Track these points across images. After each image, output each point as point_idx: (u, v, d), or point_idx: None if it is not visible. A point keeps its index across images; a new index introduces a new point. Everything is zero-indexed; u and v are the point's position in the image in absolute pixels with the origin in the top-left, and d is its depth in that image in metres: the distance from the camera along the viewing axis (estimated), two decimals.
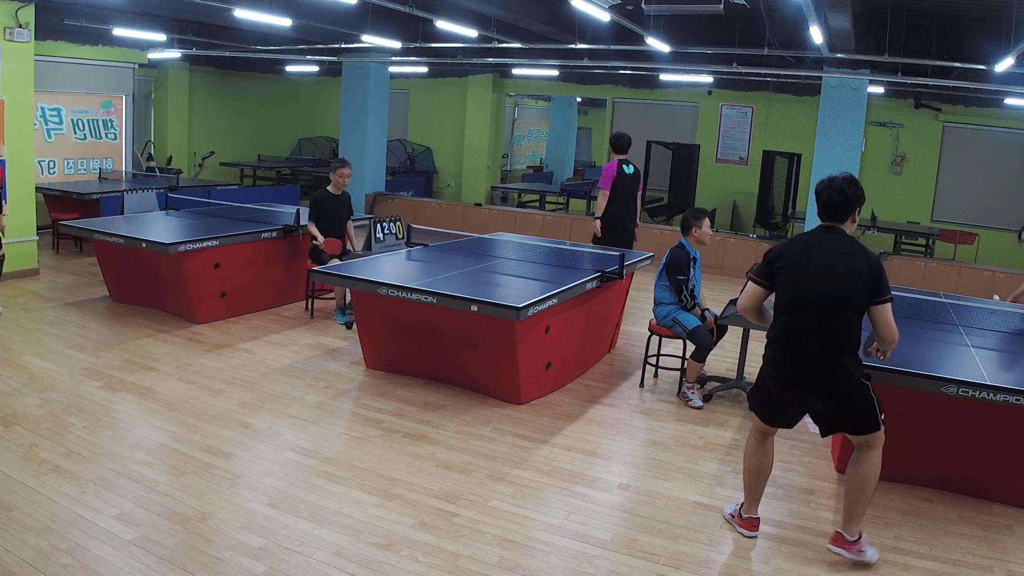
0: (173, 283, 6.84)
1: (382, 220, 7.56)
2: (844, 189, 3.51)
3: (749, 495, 3.85)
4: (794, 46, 8.93)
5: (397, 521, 3.78)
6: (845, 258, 3.46)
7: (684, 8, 6.73)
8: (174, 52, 12.59)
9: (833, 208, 3.54)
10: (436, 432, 4.90)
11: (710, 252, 10.29)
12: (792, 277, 3.56)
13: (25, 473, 3.99)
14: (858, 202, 3.55)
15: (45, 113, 11.17)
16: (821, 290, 3.45)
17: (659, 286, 5.82)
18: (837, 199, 3.52)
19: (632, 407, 5.65)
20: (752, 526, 3.84)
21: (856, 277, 3.42)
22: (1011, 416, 4.06)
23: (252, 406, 5.15)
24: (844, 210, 3.53)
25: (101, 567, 3.23)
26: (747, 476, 3.85)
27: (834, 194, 3.52)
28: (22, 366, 5.59)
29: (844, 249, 3.50)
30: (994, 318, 5.85)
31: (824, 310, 3.45)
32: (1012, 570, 3.67)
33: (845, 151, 10.29)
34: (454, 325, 5.36)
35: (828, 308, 3.44)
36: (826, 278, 3.45)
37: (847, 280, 3.42)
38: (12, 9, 7.63)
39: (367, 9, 9.38)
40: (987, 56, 8.06)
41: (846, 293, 3.42)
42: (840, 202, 3.52)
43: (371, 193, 13.80)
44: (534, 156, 21.27)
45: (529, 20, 9.15)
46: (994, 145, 12.18)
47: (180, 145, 14.33)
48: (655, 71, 12.51)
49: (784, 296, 3.60)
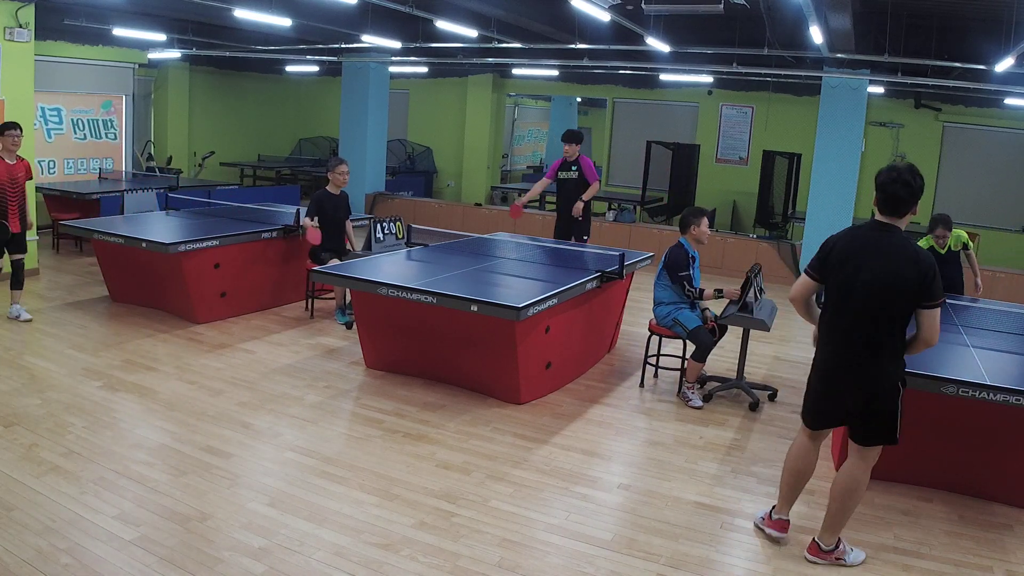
0: (173, 283, 6.84)
1: (382, 220, 7.56)
2: (911, 182, 3.30)
3: (785, 496, 3.78)
4: (794, 46, 8.93)
5: (397, 521, 3.78)
6: (898, 256, 3.30)
7: (684, 8, 6.72)
8: (174, 52, 12.59)
9: (898, 203, 3.33)
10: (436, 432, 4.90)
11: (710, 252, 10.29)
12: (843, 271, 3.41)
13: (25, 473, 3.99)
14: (921, 195, 3.35)
15: (45, 113, 11.18)
16: (869, 286, 3.33)
17: (659, 286, 5.82)
18: (904, 193, 3.31)
19: (632, 407, 5.65)
20: (782, 528, 3.78)
21: (907, 277, 3.27)
22: (1011, 416, 4.06)
23: (252, 406, 5.15)
24: (908, 204, 3.33)
25: (101, 567, 3.23)
26: (787, 476, 3.76)
27: (900, 188, 3.30)
28: (22, 366, 5.59)
29: (899, 246, 3.32)
30: (994, 318, 5.86)
31: (870, 307, 3.34)
32: (1012, 570, 3.66)
33: (845, 151, 10.30)
34: (454, 325, 5.36)
35: (874, 306, 3.33)
36: (876, 275, 3.32)
37: (897, 279, 3.28)
38: (12, 9, 7.63)
39: (367, 9, 9.38)
40: (987, 56, 8.06)
41: (893, 292, 3.29)
42: (907, 197, 3.32)
43: (371, 193, 13.80)
44: (534, 156, 21.27)
45: (529, 20, 9.15)
46: (994, 145, 12.18)
47: (180, 145, 14.33)
48: (655, 71, 12.51)
49: (832, 290, 3.48)
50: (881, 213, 3.41)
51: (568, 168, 7.88)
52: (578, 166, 7.84)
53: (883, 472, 4.48)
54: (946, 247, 6.59)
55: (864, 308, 3.36)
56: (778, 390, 5.93)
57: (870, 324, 3.35)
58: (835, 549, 3.60)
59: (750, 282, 5.62)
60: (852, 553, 3.63)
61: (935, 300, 3.28)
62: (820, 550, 3.60)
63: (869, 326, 3.36)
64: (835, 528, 3.58)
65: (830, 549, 3.59)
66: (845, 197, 10.35)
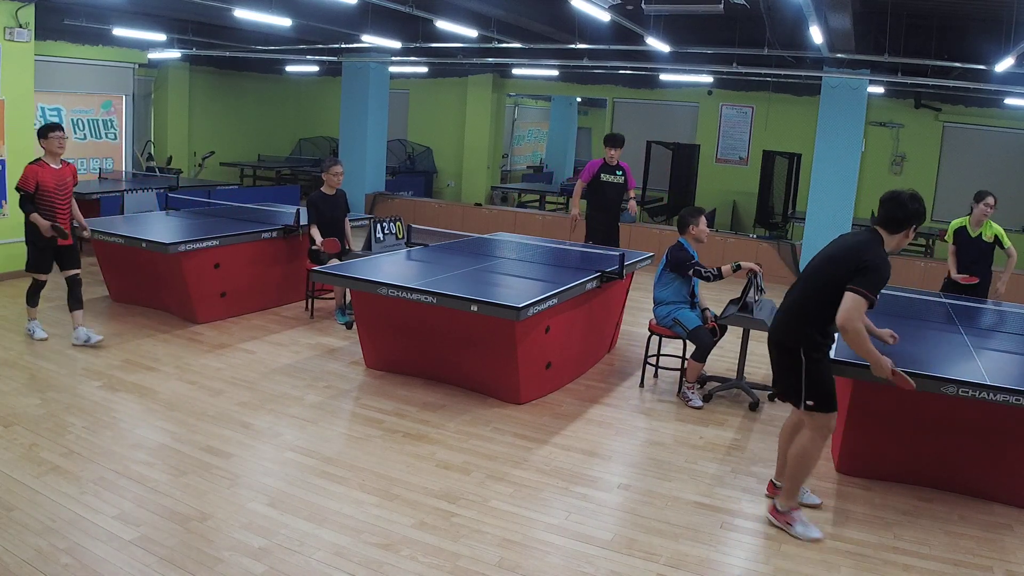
0: (173, 283, 6.84)
1: (382, 220, 7.56)
2: (907, 204, 3.63)
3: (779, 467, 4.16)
4: (794, 46, 8.93)
5: (397, 521, 3.78)
6: (849, 240, 3.74)
7: (684, 8, 6.73)
8: (174, 52, 12.59)
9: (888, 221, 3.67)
10: (436, 432, 4.90)
11: (710, 252, 10.27)
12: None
13: (25, 473, 3.99)
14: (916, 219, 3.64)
15: (45, 113, 11.18)
16: (813, 259, 3.85)
17: (659, 286, 5.82)
18: (899, 215, 3.64)
19: (632, 407, 5.65)
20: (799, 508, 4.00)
21: (840, 257, 3.64)
22: (1011, 416, 4.06)
23: (252, 406, 5.15)
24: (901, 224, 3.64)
25: (101, 567, 3.23)
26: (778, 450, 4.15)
27: (896, 208, 3.64)
28: (22, 366, 5.59)
29: (857, 236, 3.73)
30: (994, 318, 5.86)
31: (806, 274, 3.82)
32: (1012, 570, 3.67)
33: (845, 151, 10.30)
34: (454, 325, 5.36)
35: (808, 273, 3.80)
36: (824, 251, 3.82)
37: (834, 251, 3.72)
38: (12, 9, 7.63)
39: (367, 9, 9.38)
40: (987, 56, 8.06)
41: (825, 261, 3.72)
42: (901, 219, 3.64)
43: (371, 193, 13.80)
44: (534, 156, 21.27)
45: (529, 20, 9.15)
46: (994, 145, 12.18)
47: (180, 145, 14.33)
48: (655, 71, 12.51)
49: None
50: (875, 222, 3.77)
51: (612, 171, 7.71)
52: (623, 171, 7.73)
53: (883, 472, 4.50)
54: (979, 230, 6.50)
55: (803, 275, 3.87)
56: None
57: (800, 288, 3.82)
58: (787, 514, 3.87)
59: (750, 282, 5.62)
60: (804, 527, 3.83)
61: (858, 287, 3.50)
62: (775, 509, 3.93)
63: (798, 290, 3.83)
64: (788, 492, 3.89)
65: (784, 511, 3.88)
66: (845, 197, 10.35)
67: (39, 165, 5.84)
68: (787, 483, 3.89)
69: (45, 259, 6.00)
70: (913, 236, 3.71)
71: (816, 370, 3.71)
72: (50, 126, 5.88)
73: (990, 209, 6.43)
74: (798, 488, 3.88)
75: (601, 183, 7.75)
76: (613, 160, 7.71)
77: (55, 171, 5.89)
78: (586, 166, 7.97)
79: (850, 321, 3.49)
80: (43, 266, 6.02)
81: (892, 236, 3.65)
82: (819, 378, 3.72)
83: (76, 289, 6.08)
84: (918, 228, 3.68)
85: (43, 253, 5.97)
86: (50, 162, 5.88)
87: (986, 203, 6.43)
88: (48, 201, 5.85)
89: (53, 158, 5.88)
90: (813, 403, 3.73)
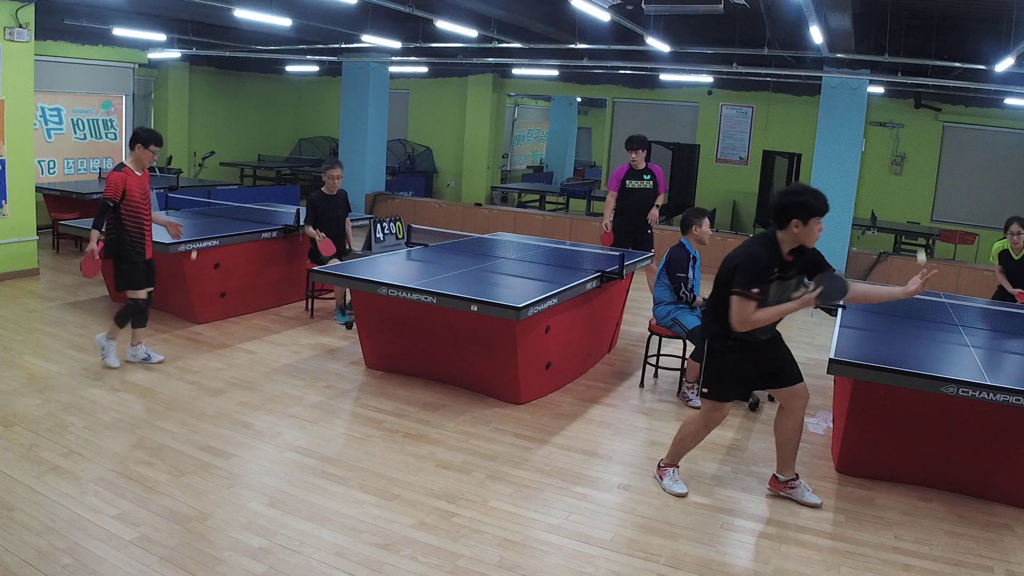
0: (173, 283, 6.83)
1: (382, 220, 7.56)
2: (779, 197, 3.81)
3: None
4: (794, 46, 8.93)
5: (397, 521, 3.78)
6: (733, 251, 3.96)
7: (684, 8, 6.73)
8: (174, 52, 12.59)
9: (776, 219, 3.81)
10: (436, 432, 4.90)
11: (710, 252, 10.23)
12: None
13: (25, 473, 3.99)
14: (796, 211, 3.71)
15: (45, 113, 11.17)
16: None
17: (659, 286, 5.82)
18: (777, 209, 3.79)
19: (632, 407, 5.65)
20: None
21: (725, 262, 3.89)
22: (1011, 416, 4.05)
23: (252, 406, 5.15)
24: (782, 219, 3.76)
25: (101, 567, 3.23)
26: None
27: (774, 205, 3.82)
28: (22, 366, 5.58)
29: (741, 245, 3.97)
30: (994, 318, 5.86)
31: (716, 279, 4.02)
32: (1012, 570, 3.66)
33: (845, 151, 10.30)
34: (454, 325, 5.36)
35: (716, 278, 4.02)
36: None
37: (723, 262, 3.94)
38: (12, 9, 7.63)
39: (367, 9, 9.38)
40: (987, 56, 8.06)
41: (719, 270, 3.93)
42: (779, 211, 3.77)
43: (371, 193, 13.80)
44: (534, 156, 21.27)
45: (529, 20, 9.15)
46: (994, 145, 12.18)
47: (180, 145, 14.32)
48: (655, 71, 12.51)
49: None
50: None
51: (639, 176, 7.35)
52: (651, 175, 7.37)
53: (883, 472, 4.49)
54: (1021, 252, 6.74)
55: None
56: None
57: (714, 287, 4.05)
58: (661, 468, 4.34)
59: None
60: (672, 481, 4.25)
61: (735, 288, 3.74)
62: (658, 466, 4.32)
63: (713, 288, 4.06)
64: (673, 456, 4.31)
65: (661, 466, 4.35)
66: (845, 197, 10.35)
67: (124, 172, 5.38)
68: (673, 447, 4.31)
69: (139, 274, 5.53)
70: (820, 227, 3.73)
71: (714, 362, 4.01)
72: (155, 138, 5.50)
73: (1017, 236, 6.72)
74: (682, 453, 4.32)
75: (628, 190, 7.40)
76: (639, 164, 7.35)
77: (140, 179, 5.47)
78: (612, 174, 7.58)
79: (742, 324, 3.77)
80: (138, 281, 5.55)
81: (782, 231, 3.78)
82: (715, 370, 4.02)
83: (146, 307, 5.69)
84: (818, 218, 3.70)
85: (136, 267, 5.51)
86: (136, 169, 5.45)
87: (1010, 232, 6.76)
88: (134, 210, 5.41)
89: (139, 166, 5.48)
90: (707, 390, 4.07)
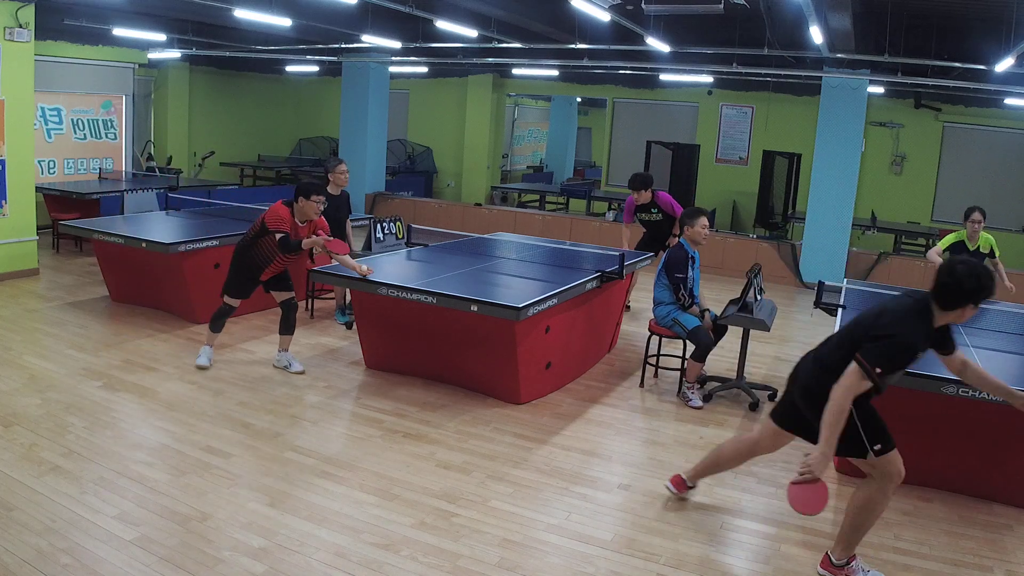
0: (173, 283, 6.83)
1: (382, 220, 7.55)
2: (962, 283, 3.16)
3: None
4: (794, 46, 8.93)
5: (397, 521, 3.78)
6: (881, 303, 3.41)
7: (684, 8, 6.73)
8: (174, 52, 12.58)
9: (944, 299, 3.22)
10: (436, 432, 4.90)
11: (710, 252, 10.28)
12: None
13: (25, 473, 3.99)
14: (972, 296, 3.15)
15: (45, 113, 11.17)
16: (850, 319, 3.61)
17: (658, 286, 5.82)
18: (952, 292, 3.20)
19: (632, 407, 5.65)
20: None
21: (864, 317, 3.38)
22: (1011, 416, 4.05)
23: (252, 406, 5.15)
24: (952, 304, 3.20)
25: (101, 567, 3.23)
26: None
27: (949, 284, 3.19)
28: (22, 366, 5.59)
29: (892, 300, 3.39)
30: (994, 318, 5.86)
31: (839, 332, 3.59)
32: (1012, 570, 3.67)
33: (845, 151, 10.30)
34: (454, 325, 5.36)
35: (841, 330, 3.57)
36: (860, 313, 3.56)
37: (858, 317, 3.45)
38: (12, 9, 7.63)
39: (367, 9, 9.38)
40: (987, 56, 8.06)
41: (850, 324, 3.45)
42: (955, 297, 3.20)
43: (371, 193, 13.80)
44: (534, 156, 21.27)
45: (529, 20, 9.14)
46: (994, 145, 12.17)
47: (180, 145, 14.31)
48: (655, 71, 12.50)
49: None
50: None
51: (647, 210, 7.72)
52: (657, 208, 7.66)
53: None
54: (976, 243, 6.79)
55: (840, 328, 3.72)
56: (778, 390, 5.92)
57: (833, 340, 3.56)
58: (846, 566, 3.46)
59: (750, 282, 5.62)
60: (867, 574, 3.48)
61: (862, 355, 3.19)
62: (831, 564, 3.49)
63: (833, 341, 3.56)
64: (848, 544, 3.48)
65: (840, 564, 3.47)
66: (845, 197, 10.35)
67: (293, 219, 5.50)
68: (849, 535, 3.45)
69: (244, 287, 5.76)
70: (976, 311, 3.23)
71: (864, 412, 3.34)
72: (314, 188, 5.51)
73: (977, 224, 6.77)
74: (858, 540, 3.50)
75: (640, 220, 7.84)
76: (642, 199, 7.65)
77: (300, 228, 5.58)
78: (624, 207, 7.98)
79: (843, 396, 3.14)
80: (238, 291, 5.76)
81: (946, 311, 3.20)
82: (869, 420, 3.35)
83: (291, 315, 5.86)
84: (977, 305, 3.20)
85: (243, 280, 5.74)
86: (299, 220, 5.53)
87: (971, 220, 6.79)
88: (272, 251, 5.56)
89: (302, 217, 5.54)
90: (880, 447, 3.35)
